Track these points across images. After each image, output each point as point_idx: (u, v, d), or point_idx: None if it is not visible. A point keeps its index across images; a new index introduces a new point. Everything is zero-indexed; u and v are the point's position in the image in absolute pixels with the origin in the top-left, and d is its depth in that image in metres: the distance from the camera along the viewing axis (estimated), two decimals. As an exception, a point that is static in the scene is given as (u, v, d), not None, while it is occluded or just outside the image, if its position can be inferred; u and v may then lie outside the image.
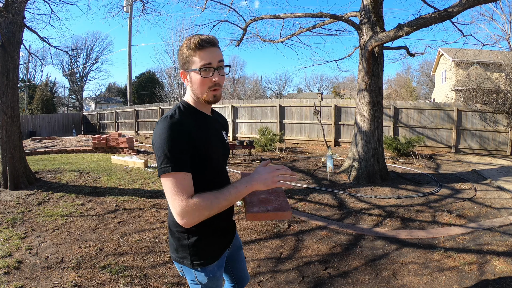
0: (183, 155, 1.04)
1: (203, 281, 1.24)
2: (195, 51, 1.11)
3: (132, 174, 6.61)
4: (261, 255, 3.08)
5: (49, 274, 2.70)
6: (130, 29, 18.86)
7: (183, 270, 1.26)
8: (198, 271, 1.22)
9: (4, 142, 5.36)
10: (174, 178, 1.02)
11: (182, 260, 1.22)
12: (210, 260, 1.23)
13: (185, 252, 1.21)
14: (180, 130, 1.06)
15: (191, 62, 1.13)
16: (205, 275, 1.22)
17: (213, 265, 1.24)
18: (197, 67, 1.12)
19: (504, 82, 10.21)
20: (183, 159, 1.04)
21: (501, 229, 3.71)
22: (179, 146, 1.04)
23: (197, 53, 1.11)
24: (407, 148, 8.56)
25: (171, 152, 1.02)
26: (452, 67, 20.14)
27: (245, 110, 12.64)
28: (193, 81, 1.15)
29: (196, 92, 1.17)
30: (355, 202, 4.70)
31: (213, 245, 1.24)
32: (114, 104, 38.79)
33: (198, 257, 1.20)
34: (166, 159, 1.02)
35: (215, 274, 1.25)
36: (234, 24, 7.50)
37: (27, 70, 30.91)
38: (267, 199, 1.26)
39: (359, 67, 6.09)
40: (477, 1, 4.20)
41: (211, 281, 1.24)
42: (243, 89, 34.99)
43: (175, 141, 1.04)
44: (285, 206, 1.20)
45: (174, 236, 1.23)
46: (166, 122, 1.07)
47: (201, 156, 1.12)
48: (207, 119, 1.25)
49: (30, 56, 9.63)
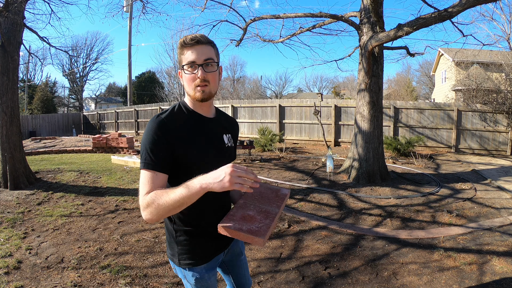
0: (158, 155, 1.06)
1: (190, 281, 1.25)
2: (182, 50, 1.14)
3: (132, 174, 6.61)
4: (261, 255, 3.08)
5: (49, 274, 2.70)
6: (130, 29, 18.87)
7: (175, 268, 1.29)
8: (186, 270, 1.24)
9: (4, 142, 5.36)
10: (144, 174, 1.06)
11: (172, 257, 1.26)
12: (198, 262, 1.23)
13: (174, 250, 1.24)
14: (162, 131, 1.09)
15: (181, 61, 1.16)
16: (192, 275, 1.23)
17: (201, 267, 1.24)
18: (183, 65, 1.14)
19: (504, 82, 10.21)
20: (156, 159, 1.06)
21: (501, 229, 3.71)
22: (156, 146, 1.07)
23: (184, 52, 1.14)
24: (407, 148, 8.56)
25: (148, 150, 1.07)
26: (452, 67, 20.13)
27: (245, 110, 12.64)
28: (183, 79, 1.18)
29: (187, 90, 1.18)
30: (355, 202, 4.70)
31: (201, 247, 1.23)
32: (114, 104, 38.79)
33: (185, 256, 1.22)
34: (143, 155, 1.07)
35: (202, 276, 1.25)
36: (234, 24, 7.51)
37: (27, 70, 30.92)
38: (251, 217, 1.10)
39: (359, 67, 6.09)
40: (477, 1, 4.19)
41: (198, 282, 1.25)
42: (243, 89, 34.99)
43: (154, 141, 1.07)
44: (261, 232, 1.03)
45: (168, 232, 1.27)
46: (152, 121, 1.11)
47: (180, 159, 1.11)
48: (202, 121, 1.22)
49: (30, 56, 9.63)
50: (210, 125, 1.24)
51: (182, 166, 1.13)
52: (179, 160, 1.11)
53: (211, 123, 1.25)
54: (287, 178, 6.19)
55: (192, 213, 1.19)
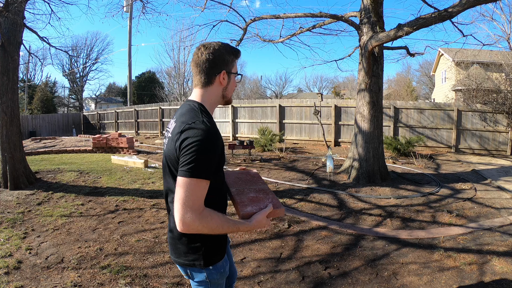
0: (213, 164, 1.11)
1: (214, 278, 1.25)
2: (235, 57, 1.28)
3: (132, 174, 6.60)
4: (261, 255, 3.08)
5: (49, 274, 2.70)
6: (130, 29, 18.86)
7: (191, 273, 1.26)
8: (209, 269, 1.24)
9: (4, 142, 5.35)
10: (197, 184, 1.05)
11: (193, 262, 1.22)
12: (220, 256, 1.27)
13: (196, 254, 1.21)
14: (219, 145, 1.13)
15: (233, 66, 1.27)
16: (216, 272, 1.25)
17: (222, 260, 1.28)
18: (236, 72, 1.29)
19: (504, 82, 10.22)
20: (212, 169, 1.10)
21: (501, 229, 3.71)
22: (215, 159, 1.11)
23: (235, 61, 1.29)
24: (407, 148, 8.56)
25: (207, 160, 1.07)
26: (452, 67, 20.12)
27: (245, 110, 12.65)
28: (230, 83, 1.28)
29: (226, 93, 1.29)
30: (355, 202, 4.70)
31: (221, 241, 1.28)
32: (114, 104, 38.77)
33: (211, 255, 1.23)
34: (203, 164, 1.06)
35: (224, 268, 1.29)
36: (234, 24, 7.51)
37: (27, 70, 30.93)
38: (257, 198, 1.28)
39: (359, 67, 6.09)
40: (477, 1, 4.20)
41: (222, 276, 1.28)
42: (243, 89, 34.97)
43: (213, 150, 1.09)
44: (277, 203, 1.24)
45: (181, 240, 1.22)
46: (207, 129, 1.09)
47: (219, 164, 1.19)
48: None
49: (30, 56, 9.64)
50: None
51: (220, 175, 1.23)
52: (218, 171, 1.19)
53: None
54: (287, 178, 6.19)
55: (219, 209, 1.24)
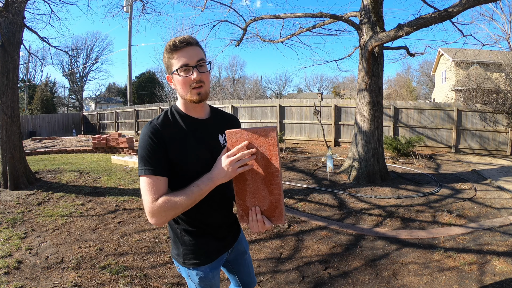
0: (156, 160, 1.10)
1: (194, 280, 1.27)
2: (172, 54, 1.14)
3: (132, 174, 6.60)
4: (261, 255, 3.08)
5: (49, 274, 2.70)
6: (130, 29, 18.86)
7: (179, 267, 1.31)
8: (190, 269, 1.26)
9: (4, 142, 5.35)
10: (146, 180, 1.09)
11: (177, 257, 1.28)
12: (203, 262, 1.25)
13: (178, 250, 1.26)
14: (156, 137, 1.11)
15: (171, 65, 1.15)
16: (196, 274, 1.26)
17: (205, 267, 1.26)
18: (176, 68, 1.13)
19: (504, 82, 10.21)
20: (155, 164, 1.09)
21: (501, 229, 3.71)
22: (153, 151, 1.10)
23: (174, 55, 1.13)
24: (407, 148, 8.55)
25: (146, 157, 1.10)
26: (452, 67, 20.12)
27: (245, 110, 12.65)
28: (176, 83, 1.17)
29: (181, 94, 1.17)
30: (355, 202, 4.69)
31: (205, 247, 1.25)
32: (114, 104, 38.76)
33: (190, 256, 1.24)
34: (142, 162, 1.10)
35: (206, 275, 1.27)
36: (234, 24, 7.51)
37: (27, 70, 30.93)
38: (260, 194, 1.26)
39: (359, 67, 6.09)
40: (477, 1, 4.19)
41: (202, 281, 1.27)
42: (243, 89, 34.94)
43: (150, 146, 1.10)
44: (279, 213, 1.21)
45: (172, 233, 1.29)
46: (146, 127, 1.14)
47: (175, 164, 1.14)
48: (195, 123, 1.22)
49: (30, 56, 9.63)
50: (203, 127, 1.24)
51: (179, 171, 1.15)
52: (174, 165, 1.14)
53: (204, 125, 1.25)
54: (287, 178, 6.19)
55: (197, 213, 1.21)
